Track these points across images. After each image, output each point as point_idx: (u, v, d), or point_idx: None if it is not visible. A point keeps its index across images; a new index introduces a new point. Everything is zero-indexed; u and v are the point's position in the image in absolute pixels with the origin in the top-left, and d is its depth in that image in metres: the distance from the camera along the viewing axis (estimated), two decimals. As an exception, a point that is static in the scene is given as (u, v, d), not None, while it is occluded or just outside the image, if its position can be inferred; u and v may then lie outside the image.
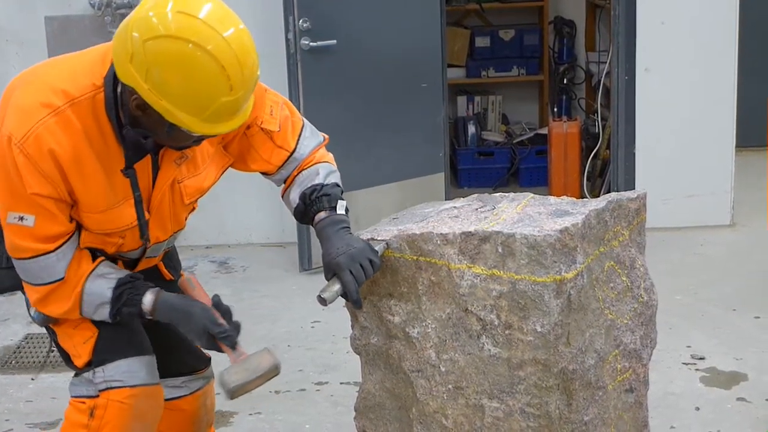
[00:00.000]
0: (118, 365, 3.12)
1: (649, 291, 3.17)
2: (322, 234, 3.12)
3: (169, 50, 2.67)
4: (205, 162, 3.10)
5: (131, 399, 3.11)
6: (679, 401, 4.48)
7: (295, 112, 3.27)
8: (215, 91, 2.71)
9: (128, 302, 3.03)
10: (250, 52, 2.79)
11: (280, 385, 4.78)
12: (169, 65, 2.68)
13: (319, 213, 3.15)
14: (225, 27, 2.73)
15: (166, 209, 3.09)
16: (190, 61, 2.67)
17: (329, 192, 3.18)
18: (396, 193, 6.31)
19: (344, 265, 2.99)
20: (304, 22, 5.95)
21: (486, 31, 8.53)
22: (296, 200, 3.22)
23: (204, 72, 2.68)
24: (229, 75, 2.70)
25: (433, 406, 3.06)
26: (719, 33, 6.45)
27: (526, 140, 8.26)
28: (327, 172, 3.24)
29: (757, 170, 7.48)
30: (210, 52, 2.67)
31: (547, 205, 3.04)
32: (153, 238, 3.13)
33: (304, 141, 3.24)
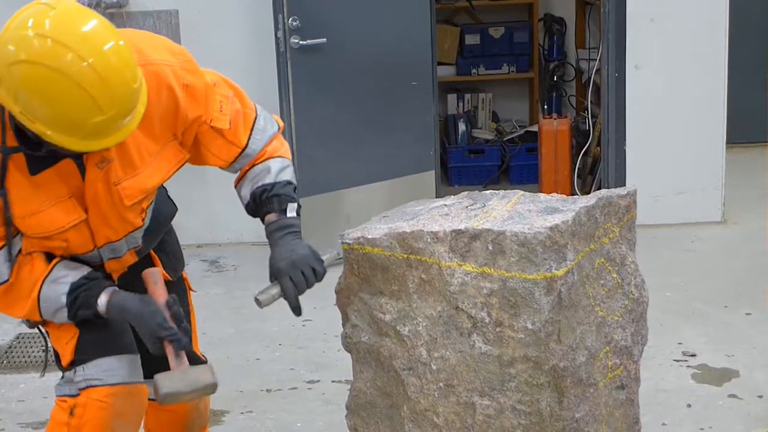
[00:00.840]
0: (97, 364, 3.11)
1: (639, 288, 3.17)
2: (270, 238, 3.12)
3: (31, 76, 2.61)
4: (146, 161, 3.01)
5: (110, 397, 3.10)
6: (670, 398, 4.49)
7: (248, 102, 3.22)
8: (83, 114, 2.64)
9: (83, 305, 3.01)
10: (120, 69, 2.67)
11: (271, 383, 4.78)
12: (32, 90, 2.62)
13: (268, 215, 3.15)
14: (89, 48, 2.63)
15: (107, 210, 3.01)
16: (51, 86, 2.61)
17: (279, 192, 3.16)
18: (386, 192, 6.31)
19: (285, 271, 3.02)
20: (293, 20, 5.95)
21: (476, 29, 8.52)
22: (247, 197, 3.21)
23: (67, 97, 2.62)
24: (95, 97, 2.63)
25: (425, 404, 3.06)
26: (709, 29, 6.45)
27: (517, 138, 8.26)
28: (279, 169, 3.21)
29: (747, 167, 7.51)
30: (71, 77, 2.60)
31: (537, 203, 3.04)
32: (102, 237, 3.07)
33: (256, 135, 3.20)
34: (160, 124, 2.98)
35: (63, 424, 3.13)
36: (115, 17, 6.17)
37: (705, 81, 6.52)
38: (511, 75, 8.52)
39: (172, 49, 3.05)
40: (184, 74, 3.01)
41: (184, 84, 3.00)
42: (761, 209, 6.45)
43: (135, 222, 3.11)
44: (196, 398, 3.09)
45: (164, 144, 3.04)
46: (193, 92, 3.03)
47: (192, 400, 3.09)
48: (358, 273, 3.11)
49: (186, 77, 3.01)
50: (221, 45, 6.39)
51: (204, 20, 6.43)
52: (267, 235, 3.14)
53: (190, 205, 6.12)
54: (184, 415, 3.50)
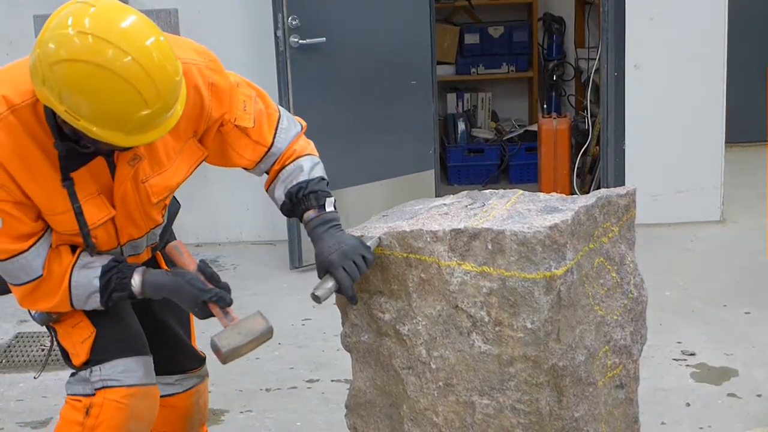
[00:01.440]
0: (115, 365, 3.12)
1: (638, 287, 3.17)
2: (314, 234, 3.11)
3: (75, 74, 2.63)
4: (171, 159, 3.06)
5: (128, 398, 3.12)
6: (669, 397, 4.49)
7: (270, 103, 3.24)
8: (129, 109, 2.66)
9: (117, 287, 3.02)
10: (162, 64, 2.70)
11: (271, 382, 4.79)
12: (77, 88, 2.64)
13: (307, 212, 3.15)
14: (131, 43, 2.65)
15: (133, 207, 3.06)
16: (97, 83, 2.63)
17: (315, 189, 3.16)
18: (386, 191, 6.31)
19: (337, 263, 2.99)
20: (293, 19, 5.95)
21: (475, 28, 8.53)
22: (282, 198, 3.21)
23: (113, 92, 2.64)
24: (140, 91, 2.65)
25: (424, 403, 3.06)
26: (708, 29, 6.46)
27: (516, 137, 8.26)
28: (311, 166, 3.22)
29: (746, 166, 7.51)
30: (115, 72, 2.62)
31: (536, 202, 3.04)
32: (125, 235, 3.10)
33: (281, 134, 3.21)
34: (185, 122, 3.00)
35: (77, 424, 3.13)
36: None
37: (704, 80, 6.52)
38: (511, 74, 8.52)
39: (196, 48, 3.08)
40: (209, 73, 3.04)
41: (209, 83, 3.03)
42: (760, 208, 6.45)
43: (157, 219, 3.16)
44: (255, 347, 3.05)
45: (185, 141, 3.08)
46: (218, 91, 3.06)
47: (251, 350, 3.05)
48: (358, 272, 3.11)
49: (211, 76, 3.04)
50: (221, 44, 6.36)
51: (203, 19, 6.44)
52: (309, 232, 3.14)
53: (190, 205, 6.11)
54: (185, 410, 3.52)
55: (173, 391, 3.48)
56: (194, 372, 3.54)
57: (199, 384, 3.57)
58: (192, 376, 3.54)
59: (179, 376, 3.49)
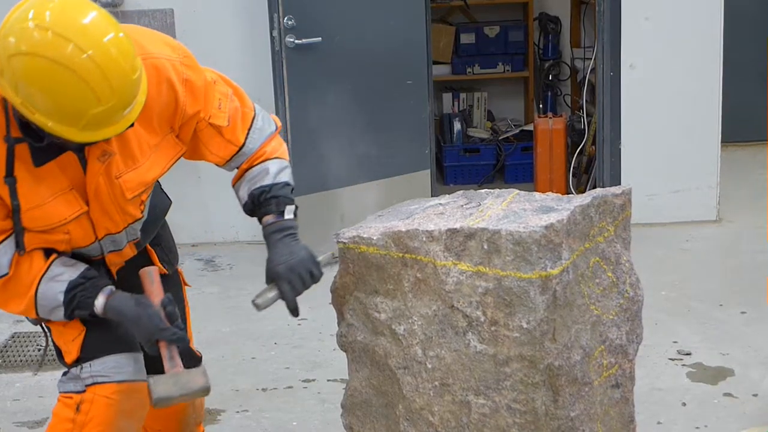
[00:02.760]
0: (104, 361, 3.13)
1: (634, 286, 3.17)
2: (269, 240, 3.15)
3: (30, 67, 2.63)
4: (146, 154, 3.04)
5: (117, 394, 3.12)
6: (665, 396, 4.49)
7: (247, 101, 3.24)
8: (82, 105, 2.67)
9: (80, 305, 3.02)
10: (118, 61, 2.69)
11: (267, 382, 4.78)
12: (32, 81, 2.64)
13: (266, 216, 3.17)
14: (89, 39, 2.65)
15: (108, 203, 3.03)
16: (51, 79, 2.63)
17: (278, 194, 3.18)
18: (382, 191, 6.31)
19: (283, 275, 3.06)
20: (288, 19, 5.95)
21: (471, 28, 8.53)
22: (245, 198, 3.24)
23: (66, 88, 2.64)
24: (93, 88, 2.65)
25: (420, 402, 3.06)
26: (704, 28, 6.46)
27: (512, 137, 8.26)
28: (277, 170, 3.23)
29: (742, 165, 7.52)
30: (70, 68, 2.62)
31: (532, 202, 3.05)
32: (102, 230, 3.09)
33: (254, 134, 3.22)
34: (158, 117, 3.00)
35: (68, 420, 3.14)
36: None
37: (700, 80, 6.52)
38: (507, 74, 8.52)
39: (171, 44, 3.08)
40: (183, 69, 3.03)
41: (183, 79, 3.03)
42: (756, 208, 6.46)
43: (135, 214, 3.14)
44: (188, 401, 3.11)
45: (162, 137, 3.06)
46: (193, 88, 3.05)
47: (184, 402, 3.10)
48: (353, 272, 3.11)
49: (186, 72, 3.04)
50: (216, 44, 6.39)
51: (199, 19, 6.43)
52: (264, 237, 3.17)
53: (186, 204, 6.12)
54: (179, 410, 3.51)
55: None
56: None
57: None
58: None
59: None
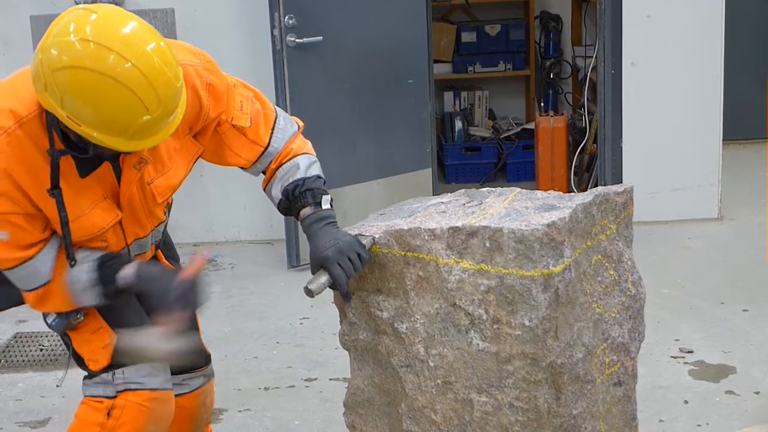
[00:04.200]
0: (138, 368, 3.16)
1: (636, 284, 3.17)
2: (309, 231, 3.13)
3: (76, 80, 2.64)
4: (173, 158, 3.09)
5: (149, 401, 3.17)
6: (667, 394, 4.49)
7: (267, 103, 3.27)
8: (131, 115, 2.68)
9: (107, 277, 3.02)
10: (162, 70, 2.72)
11: (269, 381, 4.78)
12: (78, 95, 2.65)
13: (304, 209, 3.16)
14: (132, 50, 2.67)
15: (139, 208, 3.09)
16: (98, 90, 2.65)
17: (312, 186, 3.18)
18: (383, 189, 6.31)
19: (333, 258, 3.00)
20: (289, 18, 5.95)
21: (472, 27, 8.53)
22: (279, 196, 3.23)
23: (114, 99, 2.66)
24: (141, 98, 2.67)
25: (422, 401, 3.06)
26: (705, 26, 6.45)
27: (513, 135, 8.26)
28: (307, 165, 3.24)
29: (744, 163, 7.52)
30: (116, 79, 2.64)
31: (534, 200, 3.05)
32: (131, 235, 3.13)
33: (277, 134, 3.23)
34: (183, 122, 3.00)
35: (96, 425, 3.18)
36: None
37: (701, 77, 6.52)
38: (508, 72, 8.52)
39: (192, 50, 3.12)
40: (206, 74, 3.07)
41: (206, 83, 3.06)
42: (758, 205, 6.46)
43: (161, 217, 3.20)
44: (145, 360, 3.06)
45: (184, 138, 3.10)
46: (215, 91, 3.09)
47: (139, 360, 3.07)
48: (356, 270, 3.11)
49: (208, 77, 3.07)
50: (217, 43, 6.38)
51: (200, 19, 6.44)
52: (305, 228, 3.16)
53: (188, 204, 6.13)
54: (192, 411, 3.54)
55: (181, 391, 3.48)
56: (201, 370, 3.56)
57: (206, 384, 3.59)
58: (198, 375, 3.55)
59: (186, 376, 3.51)
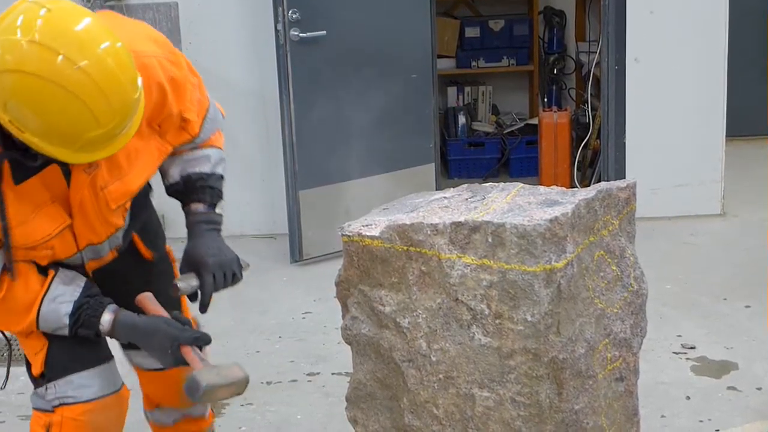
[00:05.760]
0: (69, 381, 3.01)
1: (639, 280, 3.17)
2: (195, 229, 3.07)
3: (23, 86, 2.44)
4: (132, 162, 2.89)
5: (85, 415, 3.01)
6: (669, 390, 4.49)
7: (204, 90, 3.11)
8: (80, 128, 2.50)
9: (84, 324, 2.91)
10: (117, 76, 2.51)
11: (271, 375, 4.78)
12: (23, 101, 2.45)
13: (197, 204, 3.08)
14: (84, 54, 2.46)
15: (92, 214, 2.89)
16: (46, 98, 2.44)
17: (214, 185, 3.11)
18: (386, 184, 6.31)
19: (211, 268, 2.98)
20: (293, 13, 5.94)
21: (475, 22, 8.52)
22: (176, 177, 3.11)
23: (61, 109, 2.46)
24: (92, 109, 2.48)
25: (424, 395, 3.06)
26: (709, 22, 6.45)
27: (516, 131, 8.26)
28: (217, 160, 3.15)
29: (747, 160, 7.51)
30: (65, 87, 2.44)
31: (536, 195, 3.04)
32: (84, 241, 2.95)
33: (206, 124, 3.10)
34: (147, 120, 2.86)
35: None
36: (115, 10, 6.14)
37: (705, 73, 6.52)
38: (511, 68, 8.51)
39: (156, 39, 2.93)
40: (169, 66, 2.90)
41: (170, 77, 2.89)
42: (760, 202, 6.45)
43: (118, 223, 3.01)
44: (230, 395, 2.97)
45: (149, 140, 2.94)
46: (177, 85, 2.93)
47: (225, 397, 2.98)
48: (358, 265, 3.11)
49: (171, 69, 2.90)
50: (221, 37, 6.39)
51: (204, 13, 6.43)
52: (190, 223, 3.08)
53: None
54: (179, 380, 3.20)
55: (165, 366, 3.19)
56: None
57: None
58: None
59: None
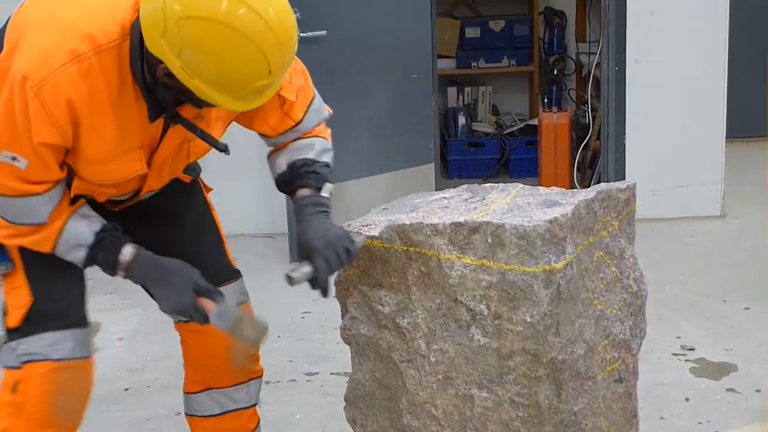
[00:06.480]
0: (41, 338, 2.99)
1: (638, 281, 3.17)
2: (302, 213, 3.00)
3: (208, 33, 2.53)
4: (217, 122, 2.97)
5: (52, 372, 2.98)
6: (668, 391, 4.49)
7: (309, 80, 3.15)
8: (254, 76, 2.61)
9: (107, 249, 2.88)
10: (291, 32, 2.65)
11: (270, 375, 4.77)
12: (206, 49, 2.54)
13: (302, 189, 3.04)
14: (267, 8, 2.59)
15: (168, 164, 2.99)
16: (230, 47, 2.54)
17: (319, 171, 3.06)
18: (386, 184, 6.31)
19: (320, 250, 2.89)
20: (293, 12, 5.93)
21: (476, 22, 8.53)
22: (283, 167, 3.10)
23: (244, 59, 2.57)
24: (269, 60, 2.59)
25: (423, 396, 3.06)
26: (709, 24, 6.46)
27: (516, 131, 8.26)
28: (322, 149, 3.12)
29: (747, 161, 7.51)
30: (252, 39, 2.55)
31: (536, 196, 3.04)
32: (147, 187, 3.03)
33: (311, 114, 3.11)
34: None
35: (8, 404, 3.00)
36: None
37: (705, 75, 6.52)
38: (511, 68, 8.52)
39: None
40: None
41: None
42: (760, 203, 6.45)
43: (180, 175, 3.13)
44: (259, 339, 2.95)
45: None
46: None
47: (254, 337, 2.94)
48: (357, 265, 3.10)
49: None
50: (221, 37, 6.39)
51: (204, 12, 6.43)
52: (297, 209, 3.03)
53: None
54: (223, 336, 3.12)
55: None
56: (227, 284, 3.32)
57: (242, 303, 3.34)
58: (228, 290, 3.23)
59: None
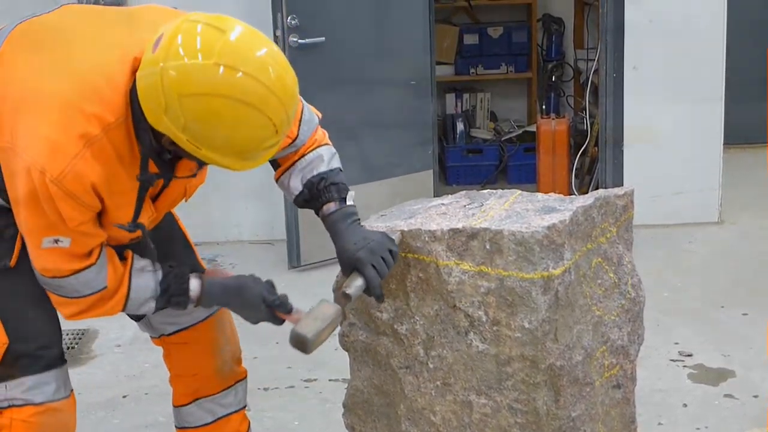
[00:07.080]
0: (21, 382, 2.96)
1: (636, 287, 3.18)
2: (335, 228, 3.01)
3: (211, 108, 2.54)
4: None
5: (36, 417, 2.96)
6: (666, 397, 4.49)
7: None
8: (262, 139, 2.62)
9: (176, 292, 2.93)
10: (292, 89, 2.66)
11: (268, 381, 4.78)
12: (211, 122, 2.55)
13: (327, 204, 3.04)
14: (266, 71, 2.58)
15: (169, 206, 3.05)
16: (235, 118, 2.55)
17: (336, 180, 3.07)
18: (384, 191, 6.31)
19: (366, 260, 2.89)
20: (292, 19, 5.95)
21: (474, 29, 8.53)
22: (299, 187, 3.10)
23: (250, 126, 2.58)
24: (275, 123, 2.60)
25: (422, 402, 3.06)
26: (707, 30, 6.46)
27: (515, 137, 8.26)
28: (330, 157, 3.13)
29: (745, 167, 7.50)
30: (255, 106, 2.55)
31: (534, 202, 3.05)
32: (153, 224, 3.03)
33: (303, 126, 3.10)
34: None
35: None
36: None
37: (703, 82, 6.52)
38: (510, 75, 8.52)
39: None
40: None
41: None
42: (758, 209, 6.46)
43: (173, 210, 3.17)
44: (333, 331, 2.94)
45: None
46: None
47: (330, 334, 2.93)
48: (356, 271, 3.11)
49: None
50: (220, 43, 6.38)
51: (203, 19, 6.43)
52: (329, 225, 3.03)
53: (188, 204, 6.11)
54: (210, 342, 3.35)
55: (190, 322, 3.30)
56: None
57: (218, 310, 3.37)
58: None
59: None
